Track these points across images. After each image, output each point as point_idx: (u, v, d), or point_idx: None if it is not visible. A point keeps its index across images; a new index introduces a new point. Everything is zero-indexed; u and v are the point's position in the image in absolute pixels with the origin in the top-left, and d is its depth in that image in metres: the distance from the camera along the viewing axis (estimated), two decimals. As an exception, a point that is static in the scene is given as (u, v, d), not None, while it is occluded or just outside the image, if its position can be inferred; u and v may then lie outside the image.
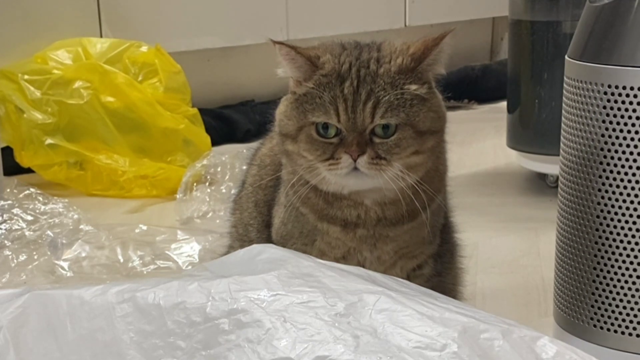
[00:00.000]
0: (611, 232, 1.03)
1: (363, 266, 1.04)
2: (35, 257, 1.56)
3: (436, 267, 1.11)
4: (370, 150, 0.96)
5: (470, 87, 3.01)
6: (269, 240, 1.11)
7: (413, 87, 0.98)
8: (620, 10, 1.01)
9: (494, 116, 2.68)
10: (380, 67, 0.98)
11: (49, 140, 2.04)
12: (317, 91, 0.97)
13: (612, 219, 1.03)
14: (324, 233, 1.05)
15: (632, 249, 1.02)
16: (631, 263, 1.03)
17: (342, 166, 0.97)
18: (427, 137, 0.99)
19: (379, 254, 1.05)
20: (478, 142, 2.51)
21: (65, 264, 1.53)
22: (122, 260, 1.55)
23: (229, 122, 2.59)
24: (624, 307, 1.04)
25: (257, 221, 1.16)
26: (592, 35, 1.04)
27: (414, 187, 1.00)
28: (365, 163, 0.96)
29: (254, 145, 1.26)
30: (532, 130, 1.95)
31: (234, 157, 1.99)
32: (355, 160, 0.96)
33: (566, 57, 1.08)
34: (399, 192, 0.99)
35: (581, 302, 1.08)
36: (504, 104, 2.05)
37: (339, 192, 1.02)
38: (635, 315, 1.03)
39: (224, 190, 1.89)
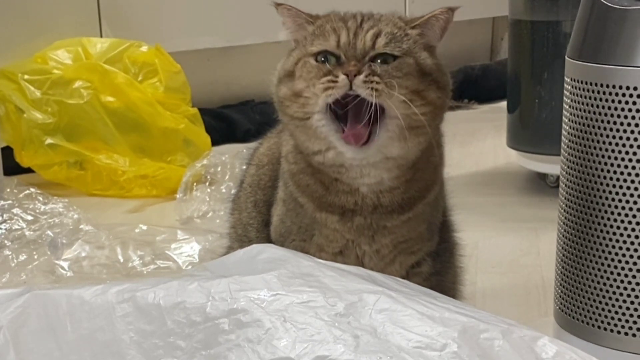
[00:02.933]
0: (612, 232, 1.03)
1: (362, 262, 1.05)
2: (35, 257, 1.56)
3: (435, 265, 1.11)
4: (368, 69, 0.95)
5: (470, 87, 3.01)
6: (268, 239, 1.11)
7: (415, 31, 1.01)
8: (620, 9, 1.01)
9: (494, 116, 2.68)
10: (380, 18, 1.01)
11: (49, 140, 2.04)
12: (319, 28, 1.00)
13: (612, 219, 1.03)
14: (322, 224, 1.04)
15: (633, 249, 1.02)
16: (632, 263, 1.03)
17: (339, 85, 0.94)
18: (430, 84, 0.99)
19: (377, 247, 1.05)
20: (478, 142, 2.51)
21: (65, 264, 1.53)
22: (122, 260, 1.55)
23: (229, 122, 2.60)
24: (625, 307, 1.04)
25: (257, 221, 1.16)
26: (591, 35, 1.04)
27: (409, 173, 1.01)
28: (361, 82, 0.94)
29: (253, 145, 1.27)
30: (532, 130, 1.95)
31: (234, 157, 1.99)
32: (351, 82, 0.94)
33: (566, 57, 1.08)
34: (398, 176, 1.00)
35: (582, 302, 1.08)
36: (504, 104, 2.06)
37: (337, 165, 1.00)
38: (635, 316, 1.03)
39: (224, 190, 1.89)
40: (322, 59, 0.97)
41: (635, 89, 0.99)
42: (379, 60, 0.97)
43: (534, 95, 1.92)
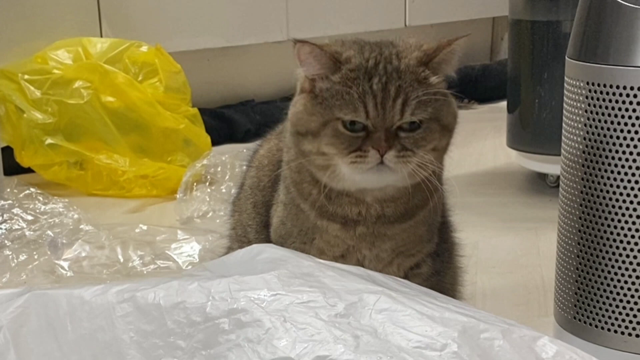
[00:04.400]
0: (612, 232, 1.03)
1: (362, 264, 1.05)
2: (36, 257, 1.56)
3: (435, 266, 1.11)
4: (398, 144, 0.96)
5: (470, 87, 3.01)
6: (267, 240, 1.11)
7: (434, 79, 0.99)
8: (620, 9, 1.01)
9: (494, 116, 2.68)
10: (401, 62, 0.98)
11: (49, 140, 2.04)
12: (344, 87, 0.97)
13: (612, 219, 1.03)
14: (323, 231, 1.05)
15: (633, 249, 1.02)
16: (632, 263, 1.03)
17: (369, 161, 0.96)
18: (445, 134, 1.00)
19: (377, 252, 1.06)
20: (478, 142, 2.51)
21: (65, 264, 1.53)
22: (122, 260, 1.55)
23: (229, 122, 2.60)
24: (625, 307, 1.04)
25: (256, 222, 1.16)
26: (591, 35, 1.04)
27: (414, 185, 1.01)
28: (392, 157, 0.96)
29: (253, 145, 1.27)
30: (532, 130, 1.95)
31: (234, 157, 1.99)
32: (382, 156, 0.96)
33: (566, 57, 1.08)
34: (402, 189, 1.00)
35: (582, 302, 1.08)
36: (504, 104, 2.06)
37: (345, 189, 1.01)
38: (635, 316, 1.03)
39: (224, 190, 1.89)
40: (350, 123, 0.97)
41: (634, 88, 0.99)
42: (405, 126, 0.97)
43: (534, 95, 1.92)
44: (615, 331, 1.05)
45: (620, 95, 1.00)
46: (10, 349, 0.85)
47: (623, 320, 1.04)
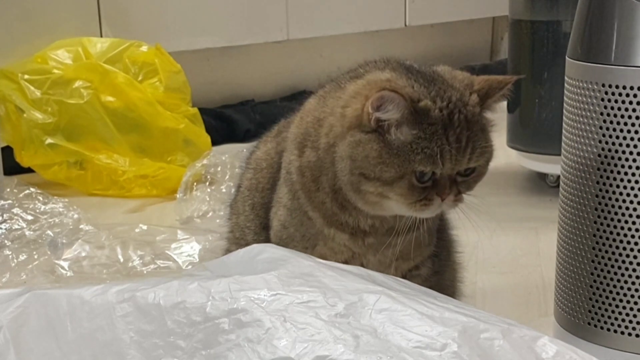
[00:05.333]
0: (612, 232, 1.03)
1: (363, 267, 1.05)
2: (35, 256, 1.56)
3: (434, 266, 1.11)
4: (455, 189, 0.99)
5: (470, 87, 3.01)
6: (266, 242, 1.11)
7: (489, 123, 1.02)
8: (620, 9, 1.01)
9: (494, 116, 2.67)
10: (467, 110, 0.98)
11: (49, 140, 2.04)
12: (424, 141, 0.96)
13: (613, 219, 1.03)
14: (329, 238, 1.05)
15: (633, 249, 1.02)
16: (631, 263, 1.03)
17: (432, 208, 0.98)
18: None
19: (380, 258, 1.06)
20: (478, 142, 2.51)
21: (65, 264, 1.53)
22: (122, 260, 1.55)
23: (229, 121, 2.60)
24: (625, 308, 1.04)
25: (255, 224, 1.16)
26: (591, 34, 1.04)
27: None
28: (450, 202, 0.99)
29: (251, 147, 1.27)
30: (532, 130, 1.94)
31: (234, 156, 1.99)
32: (442, 200, 0.98)
33: (566, 57, 1.08)
34: None
35: (582, 301, 1.08)
36: (504, 104, 2.05)
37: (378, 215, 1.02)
38: (635, 316, 1.03)
39: (224, 190, 1.89)
40: (421, 174, 0.97)
41: (634, 88, 0.99)
42: (462, 172, 0.99)
43: (534, 95, 1.92)
44: (615, 331, 1.05)
45: (620, 95, 1.00)
46: (10, 348, 0.85)
47: (623, 320, 1.04)
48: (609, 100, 1.01)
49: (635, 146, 1.00)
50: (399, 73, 1.00)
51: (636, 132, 1.00)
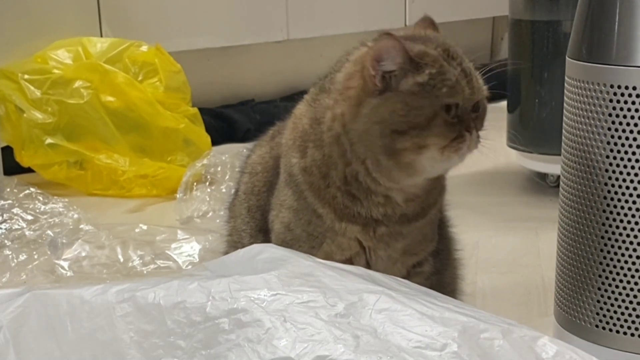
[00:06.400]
0: (613, 232, 1.03)
1: (369, 265, 1.06)
2: (35, 256, 1.56)
3: (435, 264, 1.11)
4: (474, 124, 0.99)
5: (470, 86, 3.01)
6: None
7: None
8: (620, 8, 1.01)
9: (494, 116, 2.67)
10: (454, 45, 1.01)
11: (49, 140, 2.04)
12: (439, 75, 0.97)
13: (613, 219, 1.03)
14: (339, 234, 1.05)
15: (634, 249, 1.02)
16: (633, 263, 1.03)
17: (466, 143, 0.98)
18: None
19: (390, 252, 1.07)
20: (478, 141, 2.51)
21: (65, 264, 1.53)
22: (122, 260, 1.55)
23: (229, 121, 2.60)
24: (625, 307, 1.04)
25: (250, 226, 1.16)
26: (591, 34, 1.04)
27: (432, 182, 1.04)
28: (475, 138, 0.99)
29: (249, 146, 1.27)
30: (532, 130, 1.94)
31: (234, 156, 1.99)
32: (470, 134, 0.98)
33: (566, 57, 1.08)
34: (425, 186, 1.03)
35: (582, 301, 1.08)
36: (504, 104, 2.05)
37: (389, 188, 1.02)
38: (636, 316, 1.03)
39: (224, 190, 1.89)
40: (447, 110, 0.97)
41: (635, 88, 0.99)
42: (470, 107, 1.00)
43: (534, 95, 1.92)
44: (616, 331, 1.05)
45: (622, 95, 1.00)
46: (10, 348, 0.85)
47: (624, 320, 1.04)
48: (610, 100, 1.01)
49: (635, 146, 1.00)
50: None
51: (637, 132, 1.00)
